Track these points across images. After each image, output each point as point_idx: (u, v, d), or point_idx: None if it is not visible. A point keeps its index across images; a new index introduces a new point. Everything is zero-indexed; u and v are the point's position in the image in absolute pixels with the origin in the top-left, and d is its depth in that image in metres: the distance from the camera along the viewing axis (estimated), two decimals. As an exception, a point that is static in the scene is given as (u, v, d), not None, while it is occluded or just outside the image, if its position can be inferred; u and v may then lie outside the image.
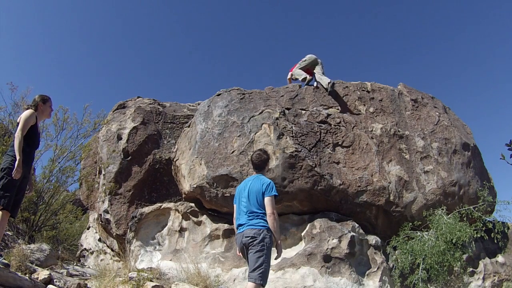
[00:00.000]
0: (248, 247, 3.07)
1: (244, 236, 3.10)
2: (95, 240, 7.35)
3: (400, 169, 5.94)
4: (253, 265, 2.93)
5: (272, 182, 3.26)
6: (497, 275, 5.89)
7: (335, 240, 5.09)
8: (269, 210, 3.10)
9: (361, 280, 5.01)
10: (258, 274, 2.86)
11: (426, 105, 7.03)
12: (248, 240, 3.05)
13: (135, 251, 5.81)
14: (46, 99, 3.92)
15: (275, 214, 3.09)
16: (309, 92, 6.59)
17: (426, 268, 5.14)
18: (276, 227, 3.08)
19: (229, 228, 5.47)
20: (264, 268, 2.90)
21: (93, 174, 7.53)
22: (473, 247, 5.84)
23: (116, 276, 4.46)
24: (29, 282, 3.46)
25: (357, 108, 6.57)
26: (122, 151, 6.51)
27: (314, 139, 5.81)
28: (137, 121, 6.75)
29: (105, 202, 6.37)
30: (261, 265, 2.90)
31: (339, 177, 5.63)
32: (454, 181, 6.08)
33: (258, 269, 2.88)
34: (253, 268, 2.91)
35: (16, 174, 3.41)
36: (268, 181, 3.27)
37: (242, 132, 5.72)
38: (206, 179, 5.47)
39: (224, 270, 5.15)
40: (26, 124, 3.62)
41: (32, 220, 6.35)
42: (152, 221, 6.08)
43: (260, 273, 2.86)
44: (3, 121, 6.79)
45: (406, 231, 5.57)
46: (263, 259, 2.92)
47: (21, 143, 3.53)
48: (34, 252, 4.53)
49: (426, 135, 6.47)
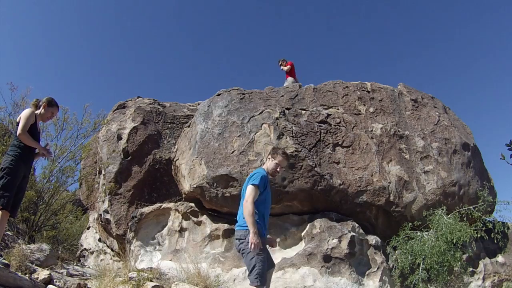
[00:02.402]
0: (238, 250, 3.03)
1: (235, 237, 3.06)
2: (95, 240, 7.34)
3: (400, 169, 5.94)
4: (248, 268, 2.89)
5: (258, 173, 3.08)
6: (497, 275, 5.89)
7: (335, 240, 5.08)
8: (245, 198, 2.99)
9: (361, 280, 5.01)
10: (254, 277, 2.81)
11: (426, 105, 7.03)
12: (237, 243, 3.01)
13: (135, 251, 5.81)
14: (51, 104, 3.90)
15: (248, 201, 2.92)
16: (309, 92, 6.59)
17: (426, 268, 5.14)
18: (248, 215, 2.88)
19: (229, 228, 5.47)
20: (259, 269, 2.82)
21: (93, 174, 7.53)
22: (473, 247, 5.84)
23: (116, 276, 4.46)
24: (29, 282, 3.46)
25: (357, 108, 6.57)
26: (122, 151, 6.51)
27: (314, 139, 5.81)
28: (137, 121, 6.74)
29: (105, 202, 6.37)
30: (254, 267, 2.82)
31: (339, 177, 5.63)
32: (454, 181, 6.08)
33: (253, 272, 2.82)
34: (249, 272, 2.87)
35: (47, 154, 3.72)
36: (255, 172, 3.14)
37: (242, 132, 5.72)
38: (206, 179, 5.47)
39: (224, 270, 5.15)
40: (27, 122, 3.62)
41: (32, 220, 6.34)
42: (152, 221, 6.08)
43: (256, 275, 2.81)
44: (3, 121, 6.79)
45: (406, 231, 5.57)
46: (255, 260, 2.84)
47: (29, 137, 3.56)
48: (34, 252, 4.52)
49: (426, 135, 6.47)
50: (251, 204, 2.91)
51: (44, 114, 3.87)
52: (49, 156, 3.75)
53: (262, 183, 3.03)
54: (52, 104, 3.90)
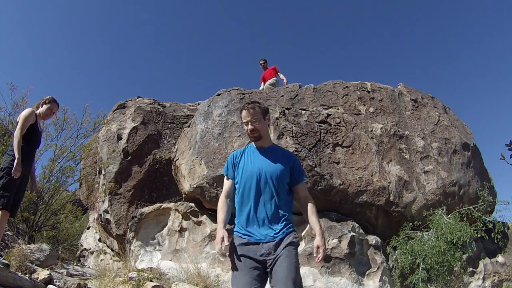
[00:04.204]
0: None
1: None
2: (95, 240, 7.34)
3: (400, 169, 5.94)
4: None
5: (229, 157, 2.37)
6: (497, 275, 5.89)
7: (335, 240, 5.09)
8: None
9: (361, 280, 5.01)
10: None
11: (426, 105, 7.03)
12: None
13: (135, 251, 5.81)
14: (49, 101, 3.90)
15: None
16: (309, 92, 6.59)
17: (426, 268, 5.14)
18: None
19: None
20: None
21: (93, 174, 7.52)
22: (473, 247, 5.83)
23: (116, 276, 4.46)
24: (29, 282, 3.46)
25: (357, 108, 6.57)
26: (122, 151, 6.51)
27: (314, 139, 5.81)
28: (137, 121, 6.74)
29: (105, 202, 6.37)
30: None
31: (339, 177, 5.63)
32: (454, 181, 6.08)
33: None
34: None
35: (16, 173, 3.41)
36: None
37: (242, 132, 5.72)
38: (206, 179, 5.46)
39: (224, 270, 5.15)
40: (25, 123, 3.61)
41: (32, 220, 6.34)
42: (152, 221, 6.07)
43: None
44: (3, 121, 6.79)
45: (406, 231, 5.57)
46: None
47: (20, 142, 3.53)
48: (34, 252, 4.52)
49: (426, 135, 6.47)
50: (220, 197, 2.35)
51: (43, 112, 3.88)
52: (15, 174, 3.41)
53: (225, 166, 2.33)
54: (50, 101, 3.90)
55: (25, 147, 3.61)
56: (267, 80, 8.89)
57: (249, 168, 2.20)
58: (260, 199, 2.14)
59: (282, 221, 2.10)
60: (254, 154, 2.27)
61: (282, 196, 2.16)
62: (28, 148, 3.66)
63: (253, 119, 2.19)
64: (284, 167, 2.18)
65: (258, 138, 2.24)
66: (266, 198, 2.13)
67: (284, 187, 2.18)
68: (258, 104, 2.26)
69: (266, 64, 9.20)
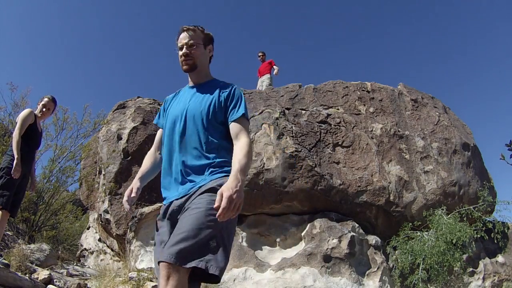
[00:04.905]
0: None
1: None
2: (95, 240, 7.34)
3: (400, 169, 5.94)
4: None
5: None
6: (497, 275, 5.89)
7: (335, 240, 5.09)
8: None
9: (361, 280, 5.01)
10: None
11: (426, 105, 7.03)
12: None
13: (135, 251, 5.81)
14: (42, 98, 3.91)
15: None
16: (309, 92, 6.59)
17: (426, 268, 5.14)
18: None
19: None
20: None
21: (93, 174, 7.52)
22: (473, 247, 5.83)
23: (116, 276, 4.46)
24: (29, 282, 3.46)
25: (357, 108, 6.57)
26: (122, 151, 6.50)
27: (314, 139, 5.80)
28: (137, 121, 6.74)
29: (105, 202, 6.37)
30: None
31: (339, 177, 5.63)
32: (454, 181, 6.08)
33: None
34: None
35: (15, 174, 3.41)
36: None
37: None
38: (206, 179, 5.46)
39: (224, 270, 5.15)
40: (23, 123, 3.61)
41: (32, 220, 6.34)
42: (152, 221, 6.07)
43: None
44: (3, 121, 6.80)
45: (406, 231, 5.57)
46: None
47: (19, 142, 3.53)
48: (34, 252, 4.52)
49: (426, 135, 6.47)
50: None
51: (39, 110, 3.88)
52: (14, 174, 3.41)
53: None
54: (43, 98, 3.90)
55: (25, 147, 3.61)
56: (261, 74, 8.78)
57: (174, 111, 1.74)
58: (181, 148, 1.66)
59: (208, 172, 1.61)
60: (185, 93, 1.81)
61: (212, 141, 1.64)
62: (27, 148, 3.66)
63: (189, 42, 1.72)
64: (216, 102, 1.68)
65: (192, 67, 1.74)
66: (189, 146, 1.64)
67: (217, 128, 1.67)
68: (201, 27, 1.78)
69: (264, 56, 8.99)
